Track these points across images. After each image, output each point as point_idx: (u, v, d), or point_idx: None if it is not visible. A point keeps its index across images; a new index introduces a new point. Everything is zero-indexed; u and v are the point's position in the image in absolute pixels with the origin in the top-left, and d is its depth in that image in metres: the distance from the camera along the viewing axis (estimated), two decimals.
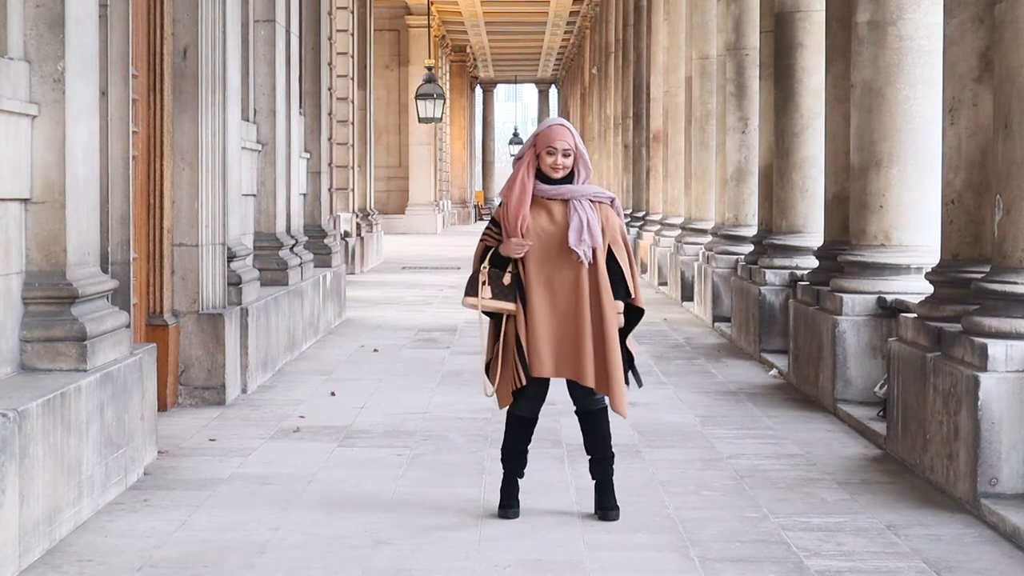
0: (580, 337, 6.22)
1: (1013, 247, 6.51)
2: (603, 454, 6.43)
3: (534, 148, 6.31)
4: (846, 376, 9.30)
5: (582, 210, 6.24)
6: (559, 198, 6.27)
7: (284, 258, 12.42)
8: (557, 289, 6.24)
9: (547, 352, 6.23)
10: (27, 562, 5.51)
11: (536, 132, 6.36)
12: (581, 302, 6.23)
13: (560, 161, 6.27)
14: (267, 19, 12.41)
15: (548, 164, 6.27)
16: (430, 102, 33.79)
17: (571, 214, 6.24)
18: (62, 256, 6.50)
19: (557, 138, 6.27)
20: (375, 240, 27.00)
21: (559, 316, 6.24)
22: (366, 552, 5.79)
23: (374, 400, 9.89)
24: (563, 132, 6.28)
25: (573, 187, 6.29)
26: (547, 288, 6.25)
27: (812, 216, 11.94)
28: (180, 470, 7.42)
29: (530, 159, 6.31)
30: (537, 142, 6.30)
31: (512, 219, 6.25)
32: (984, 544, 6.00)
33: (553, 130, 6.29)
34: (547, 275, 6.25)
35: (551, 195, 6.28)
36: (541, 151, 6.29)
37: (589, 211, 6.25)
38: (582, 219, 6.22)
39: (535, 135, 6.34)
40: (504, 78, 69.21)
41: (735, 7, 14.99)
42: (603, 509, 6.39)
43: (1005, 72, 6.54)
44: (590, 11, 39.75)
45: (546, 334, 6.23)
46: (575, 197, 6.27)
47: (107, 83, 7.80)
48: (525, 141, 6.44)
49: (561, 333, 6.24)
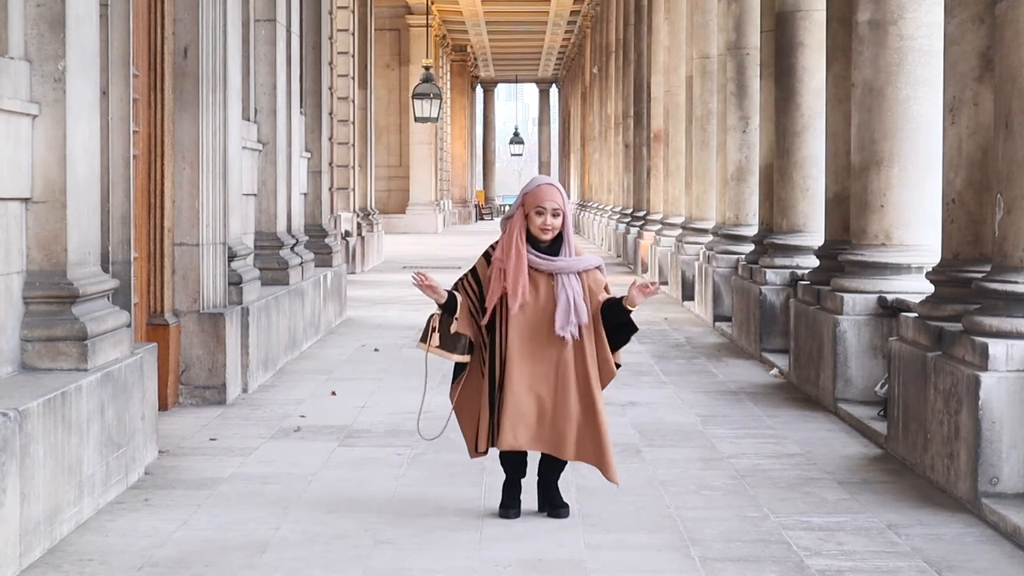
0: (564, 412, 6.19)
1: (1014, 246, 6.51)
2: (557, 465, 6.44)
3: (522, 208, 6.24)
4: (847, 375, 9.30)
5: (569, 287, 6.18)
6: (548, 271, 6.22)
7: (285, 257, 12.43)
8: (540, 363, 6.20)
9: (521, 426, 6.18)
10: (28, 561, 5.52)
11: (524, 191, 6.28)
12: (566, 376, 6.19)
13: (550, 221, 6.20)
14: (268, 18, 12.41)
15: (538, 225, 6.19)
16: (427, 101, 33.80)
17: (558, 292, 6.17)
18: (63, 255, 6.50)
19: (546, 198, 6.19)
20: (376, 240, 27.00)
21: (540, 389, 6.19)
22: (367, 551, 5.80)
23: (375, 399, 9.89)
24: (552, 192, 6.21)
25: (565, 262, 6.22)
26: (529, 361, 6.19)
27: (813, 215, 11.94)
28: (181, 469, 7.42)
29: (520, 221, 6.22)
30: (525, 202, 6.23)
31: (513, 285, 6.14)
32: (985, 543, 6.00)
33: (542, 190, 6.21)
34: (531, 349, 6.20)
35: (541, 268, 6.21)
36: (530, 211, 6.21)
37: (576, 287, 6.19)
38: (569, 298, 6.16)
39: (523, 194, 6.27)
40: (505, 78, 69.24)
41: (736, 6, 14.99)
42: (554, 507, 6.39)
43: (1006, 71, 6.54)
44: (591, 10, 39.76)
45: (526, 407, 6.18)
46: (563, 272, 6.21)
47: (108, 82, 7.80)
48: (513, 202, 6.35)
49: (541, 407, 6.20)
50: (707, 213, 17.77)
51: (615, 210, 31.45)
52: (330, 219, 17.81)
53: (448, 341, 6.27)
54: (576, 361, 6.22)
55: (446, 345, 6.28)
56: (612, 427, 6.50)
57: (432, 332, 6.29)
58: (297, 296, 12.47)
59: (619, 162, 30.80)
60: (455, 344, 6.27)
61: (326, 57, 16.90)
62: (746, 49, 14.81)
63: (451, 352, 6.28)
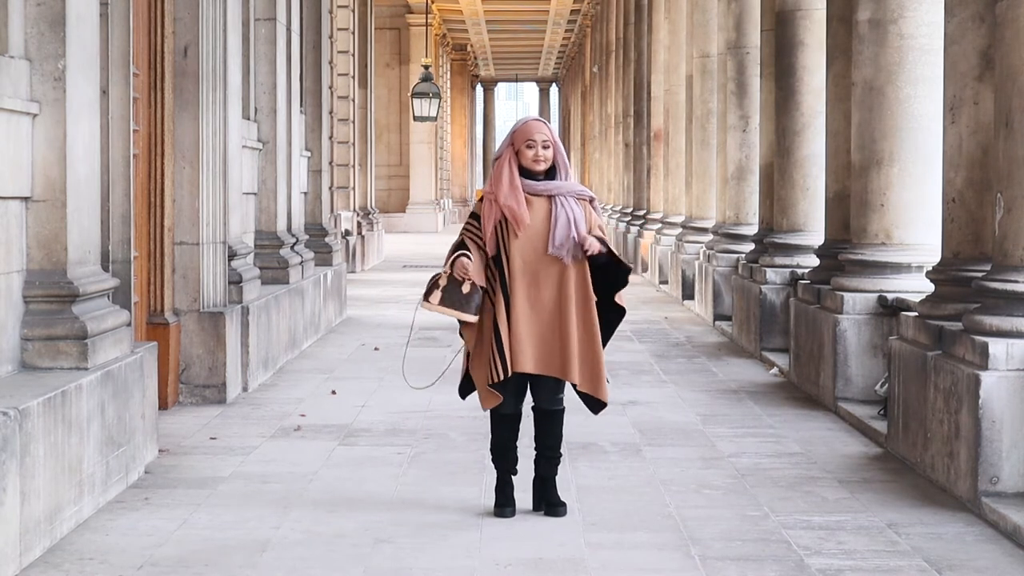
0: (566, 334, 6.20)
1: (1014, 245, 6.51)
2: (554, 452, 6.44)
3: (512, 146, 6.28)
4: (847, 375, 9.30)
5: (568, 207, 6.22)
6: (544, 194, 6.25)
7: (285, 256, 12.42)
8: (541, 285, 6.22)
9: (529, 348, 6.20)
10: (28, 560, 5.52)
11: (512, 130, 6.34)
12: (566, 298, 6.21)
13: (541, 153, 6.25)
14: (268, 17, 12.41)
15: (530, 157, 6.25)
16: (426, 101, 33.78)
17: (556, 210, 6.21)
18: (63, 254, 6.50)
19: (535, 131, 6.25)
20: (376, 238, 27.00)
21: (543, 312, 6.22)
22: (367, 551, 5.79)
23: (375, 399, 9.89)
24: (539, 125, 6.28)
25: (559, 183, 6.27)
26: (531, 284, 6.22)
27: (813, 215, 11.94)
28: (181, 468, 7.42)
29: (510, 155, 6.27)
30: (515, 139, 6.28)
31: (511, 210, 6.18)
32: (985, 543, 6.00)
33: (529, 124, 6.28)
34: (532, 271, 6.22)
35: (537, 191, 6.26)
36: (520, 146, 6.26)
37: (574, 207, 6.23)
38: (569, 216, 6.20)
39: (511, 133, 6.32)
40: (505, 77, 69.20)
41: (736, 6, 14.98)
42: (551, 505, 6.39)
43: (1006, 70, 6.54)
44: (591, 9, 39.75)
45: (529, 330, 6.20)
46: (561, 194, 6.25)
47: (108, 82, 7.79)
48: (501, 142, 6.40)
49: (544, 330, 6.22)
50: (707, 212, 17.77)
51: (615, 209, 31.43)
52: (330, 218, 17.81)
53: (454, 298, 6.24)
54: (577, 284, 6.23)
55: (451, 303, 6.25)
56: (612, 427, 6.50)
57: (434, 289, 6.26)
58: (297, 295, 12.47)
59: (619, 161, 30.79)
60: (466, 303, 6.23)
61: (326, 56, 16.90)
62: (746, 48, 14.81)
63: (458, 310, 6.24)
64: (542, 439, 6.46)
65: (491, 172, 6.32)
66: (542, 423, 6.44)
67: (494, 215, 6.24)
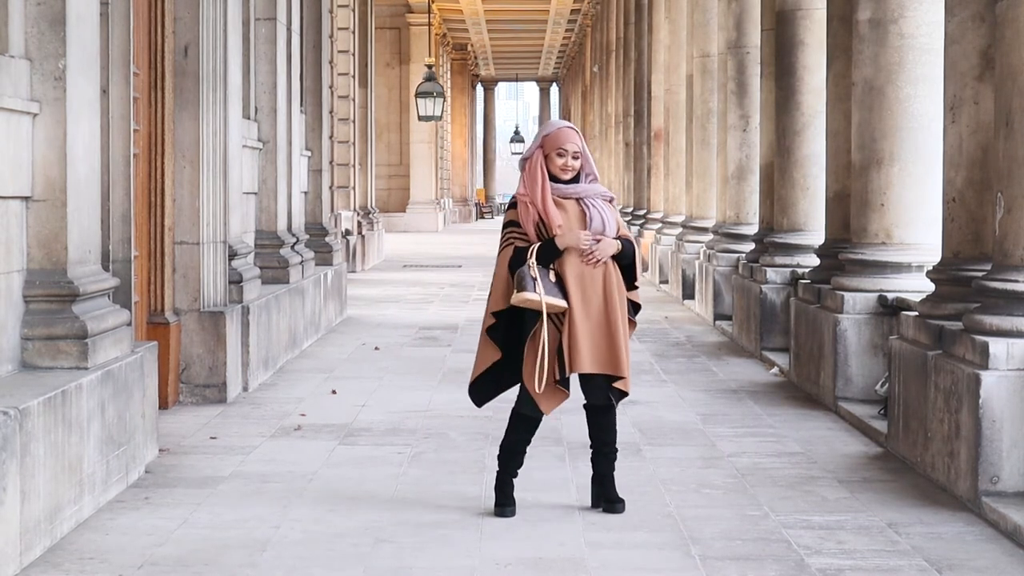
0: (614, 331, 6.30)
1: (1014, 245, 6.51)
2: (610, 448, 6.50)
3: (542, 149, 6.38)
4: (847, 374, 9.30)
5: (598, 207, 6.36)
6: (573, 196, 6.37)
7: (285, 256, 12.43)
8: (587, 285, 6.32)
9: (586, 348, 6.29)
10: (28, 560, 5.52)
11: (544, 133, 6.42)
12: (610, 296, 6.33)
13: (571, 163, 6.37)
14: (268, 17, 12.41)
15: (558, 166, 6.36)
16: (430, 100, 33.82)
17: (590, 211, 6.34)
18: (63, 254, 6.50)
19: (567, 140, 6.36)
20: (376, 238, 27.00)
21: (592, 310, 6.31)
22: (367, 550, 5.80)
23: (375, 398, 9.89)
24: (572, 135, 6.38)
25: (587, 186, 6.40)
26: (579, 285, 6.32)
27: (813, 214, 11.94)
28: (181, 468, 7.42)
29: (539, 159, 6.38)
30: (545, 144, 6.38)
31: (550, 214, 6.28)
32: (985, 542, 6.00)
33: (563, 132, 6.38)
34: (578, 272, 6.31)
35: (566, 194, 6.38)
36: (550, 152, 6.37)
37: (604, 208, 6.38)
38: (603, 216, 6.34)
39: (542, 136, 6.41)
40: (505, 76, 69.21)
41: (736, 5, 14.98)
42: (609, 502, 6.44)
43: (1006, 70, 6.54)
44: (591, 9, 39.76)
45: (584, 330, 6.29)
46: (589, 196, 6.38)
47: (108, 81, 7.79)
48: (531, 142, 6.50)
49: (594, 328, 6.31)
50: (707, 212, 17.77)
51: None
52: (330, 218, 17.81)
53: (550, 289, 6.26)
54: (617, 282, 6.35)
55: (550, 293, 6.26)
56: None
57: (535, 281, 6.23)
58: (297, 295, 12.47)
59: (619, 161, 30.79)
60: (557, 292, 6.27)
61: (326, 55, 16.90)
62: (746, 48, 14.81)
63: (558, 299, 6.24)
64: (598, 435, 6.50)
65: (522, 175, 6.42)
66: (597, 420, 6.50)
67: (532, 217, 6.33)
